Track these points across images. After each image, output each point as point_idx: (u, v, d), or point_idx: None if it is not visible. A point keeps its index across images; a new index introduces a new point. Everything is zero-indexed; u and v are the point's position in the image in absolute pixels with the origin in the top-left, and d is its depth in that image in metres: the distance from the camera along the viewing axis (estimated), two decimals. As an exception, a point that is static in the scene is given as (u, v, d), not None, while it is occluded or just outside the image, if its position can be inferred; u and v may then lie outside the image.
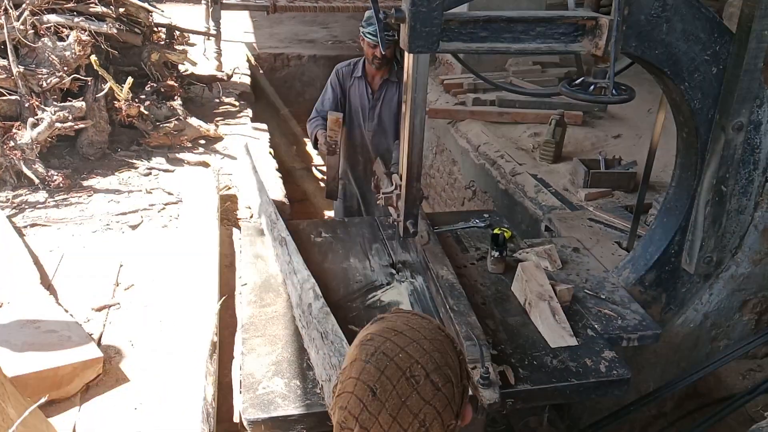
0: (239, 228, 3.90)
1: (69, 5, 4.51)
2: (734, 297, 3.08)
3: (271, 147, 5.30)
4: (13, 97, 4.19)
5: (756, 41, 2.46)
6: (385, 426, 1.05)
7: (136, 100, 4.63)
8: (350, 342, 2.18)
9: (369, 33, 3.72)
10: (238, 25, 9.14)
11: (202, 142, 4.97)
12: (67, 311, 2.74)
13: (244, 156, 4.32)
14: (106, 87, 4.44)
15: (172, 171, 4.44)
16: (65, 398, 2.33)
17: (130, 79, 4.46)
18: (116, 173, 4.33)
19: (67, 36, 4.39)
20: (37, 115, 4.09)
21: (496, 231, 2.98)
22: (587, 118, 5.80)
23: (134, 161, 4.52)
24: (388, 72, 3.95)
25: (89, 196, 3.98)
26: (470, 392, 1.99)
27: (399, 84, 3.87)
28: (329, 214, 6.26)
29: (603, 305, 2.74)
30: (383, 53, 3.79)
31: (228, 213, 4.11)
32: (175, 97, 5.02)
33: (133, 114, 4.56)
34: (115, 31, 4.68)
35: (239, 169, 4.51)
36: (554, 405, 2.85)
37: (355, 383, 1.08)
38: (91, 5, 4.61)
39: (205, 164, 4.62)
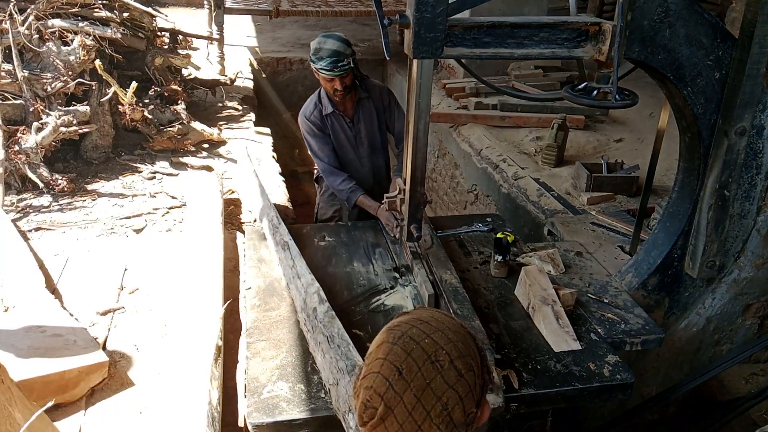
0: (243, 231, 3.91)
1: (73, 10, 4.54)
2: (737, 301, 3.08)
3: (273, 151, 5.31)
4: (18, 102, 4.22)
5: (758, 46, 2.47)
6: (409, 406, 1.09)
7: (140, 104, 4.65)
8: (356, 346, 2.20)
9: (322, 69, 3.20)
10: (241, 30, 9.19)
11: (206, 146, 4.99)
12: (72, 315, 2.76)
13: (245, 160, 4.33)
14: (111, 91, 4.47)
15: (176, 175, 4.46)
16: (71, 402, 2.35)
17: (134, 84, 4.48)
18: (120, 177, 4.35)
19: (72, 41, 4.41)
20: (41, 119, 4.11)
21: (499, 235, 2.99)
22: (589, 122, 5.81)
23: (138, 165, 4.54)
24: (356, 92, 3.49)
25: (93, 200, 4.00)
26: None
27: (370, 96, 3.56)
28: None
29: (606, 309, 2.74)
30: (345, 84, 3.30)
31: (232, 217, 4.12)
32: (179, 102, 5.04)
33: (137, 118, 4.58)
34: (119, 35, 4.71)
35: (241, 173, 4.53)
36: (557, 409, 2.85)
37: (381, 363, 1.12)
38: (96, 10, 4.64)
39: (209, 168, 4.64)
